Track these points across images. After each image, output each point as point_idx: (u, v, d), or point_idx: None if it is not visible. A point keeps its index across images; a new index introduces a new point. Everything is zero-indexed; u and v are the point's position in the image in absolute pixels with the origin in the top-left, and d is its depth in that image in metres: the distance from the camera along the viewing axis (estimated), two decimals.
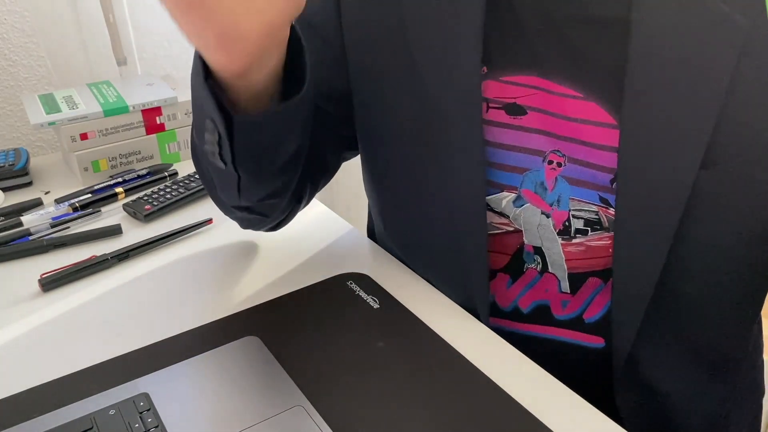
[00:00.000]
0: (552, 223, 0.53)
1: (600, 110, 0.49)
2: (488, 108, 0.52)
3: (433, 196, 0.57)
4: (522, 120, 0.52)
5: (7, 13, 0.92)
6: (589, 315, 0.57)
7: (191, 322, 0.55)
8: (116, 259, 0.65)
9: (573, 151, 0.51)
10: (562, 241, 0.54)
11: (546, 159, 0.52)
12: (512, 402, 0.46)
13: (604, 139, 0.50)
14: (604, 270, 0.54)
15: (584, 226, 0.53)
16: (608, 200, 0.51)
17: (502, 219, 0.55)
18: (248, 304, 0.57)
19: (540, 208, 0.53)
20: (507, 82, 0.52)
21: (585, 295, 0.56)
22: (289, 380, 0.48)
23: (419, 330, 0.53)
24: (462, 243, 0.56)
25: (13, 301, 0.60)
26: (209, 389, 0.47)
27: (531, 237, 0.55)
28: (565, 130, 0.51)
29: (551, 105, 0.51)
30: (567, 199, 0.52)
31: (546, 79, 0.50)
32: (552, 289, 0.56)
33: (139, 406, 0.45)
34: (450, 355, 0.50)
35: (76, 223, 0.73)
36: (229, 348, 0.52)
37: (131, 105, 0.83)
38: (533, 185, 0.53)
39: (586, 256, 0.54)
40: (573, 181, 0.52)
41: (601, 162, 0.50)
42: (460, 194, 0.54)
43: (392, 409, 0.45)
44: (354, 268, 0.62)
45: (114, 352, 0.52)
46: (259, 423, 0.44)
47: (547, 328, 0.58)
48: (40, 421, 0.45)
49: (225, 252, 0.67)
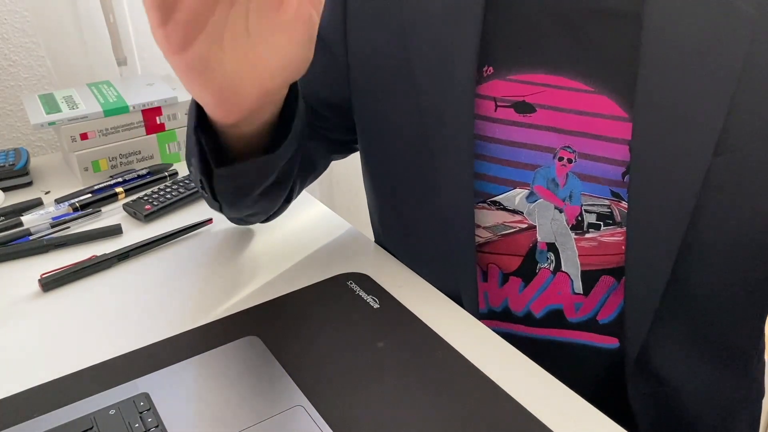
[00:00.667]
0: (565, 218, 0.54)
1: (611, 103, 0.50)
2: (497, 107, 0.53)
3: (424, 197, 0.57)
4: (531, 117, 0.52)
5: (7, 13, 0.92)
6: (603, 316, 0.57)
7: (191, 322, 0.55)
8: (116, 259, 0.65)
9: (584, 146, 0.51)
10: (575, 236, 0.54)
11: (556, 156, 0.52)
12: (512, 402, 0.46)
13: (615, 132, 0.50)
14: (617, 268, 0.54)
15: (597, 220, 0.53)
16: (620, 194, 0.52)
17: (515, 217, 0.55)
18: (248, 304, 0.57)
19: (553, 204, 0.54)
20: (514, 80, 0.52)
21: (598, 295, 0.56)
22: (289, 380, 0.48)
23: (419, 330, 0.53)
24: (453, 246, 0.56)
25: (13, 301, 0.60)
26: (209, 389, 0.47)
27: (545, 233, 0.55)
28: (575, 124, 0.51)
29: (561, 101, 0.51)
30: (579, 195, 0.53)
31: (554, 74, 0.51)
32: (565, 291, 0.56)
33: (139, 406, 0.45)
34: (450, 355, 0.50)
35: (76, 223, 0.73)
36: (229, 348, 0.52)
37: (131, 105, 0.83)
38: (545, 181, 0.53)
39: (598, 252, 0.54)
40: (584, 177, 0.52)
41: (613, 155, 0.50)
42: (450, 196, 0.54)
43: (392, 408, 0.45)
44: (354, 268, 0.62)
45: (114, 352, 0.52)
46: (259, 423, 0.44)
47: (560, 331, 0.58)
48: (40, 421, 0.45)
49: (225, 252, 0.67)
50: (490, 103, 0.53)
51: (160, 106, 0.85)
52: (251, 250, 0.67)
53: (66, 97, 0.85)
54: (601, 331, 0.57)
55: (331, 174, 1.38)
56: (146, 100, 0.84)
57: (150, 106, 0.84)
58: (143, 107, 0.84)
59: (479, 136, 0.54)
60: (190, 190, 0.77)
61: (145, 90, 0.87)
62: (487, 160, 0.54)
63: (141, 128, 0.85)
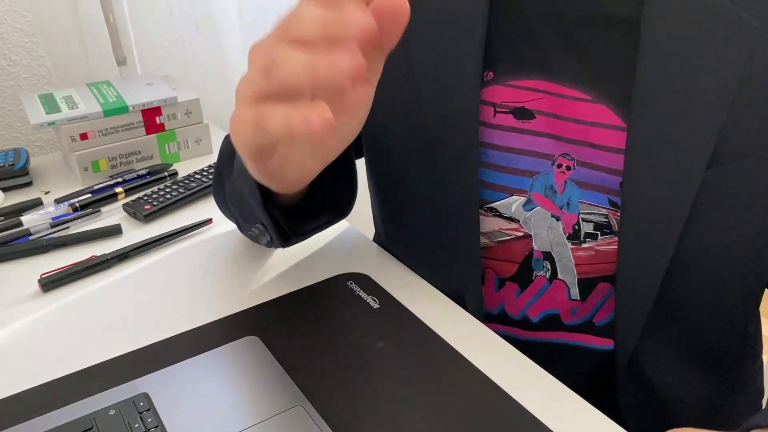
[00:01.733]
0: (562, 226, 0.53)
1: (609, 112, 0.49)
2: (495, 112, 0.52)
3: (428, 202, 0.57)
4: (530, 124, 0.52)
5: (7, 13, 0.92)
6: (600, 318, 0.57)
7: (191, 322, 0.55)
8: (116, 259, 0.65)
9: (582, 154, 0.51)
10: (571, 246, 0.54)
11: (555, 162, 0.52)
12: (512, 402, 0.46)
13: (613, 142, 0.49)
14: (614, 275, 0.54)
15: (594, 230, 0.53)
16: (617, 203, 0.51)
17: (511, 224, 0.55)
18: (248, 304, 0.57)
19: (550, 212, 0.53)
20: (514, 86, 0.51)
21: (595, 300, 0.56)
22: (289, 380, 0.48)
23: (419, 330, 0.53)
24: (457, 250, 0.56)
25: (13, 301, 0.60)
26: (209, 389, 0.47)
27: (540, 242, 0.55)
28: (573, 133, 0.51)
29: (560, 108, 0.50)
30: (577, 203, 0.52)
31: (554, 82, 0.50)
32: (561, 297, 0.56)
33: (139, 406, 0.45)
34: (450, 355, 0.50)
35: (76, 223, 0.73)
36: (229, 348, 0.52)
37: (131, 105, 0.83)
38: (543, 188, 0.53)
39: (595, 261, 0.54)
40: (582, 184, 0.52)
41: (611, 165, 0.50)
42: (455, 201, 0.54)
43: (392, 409, 0.45)
44: (354, 268, 0.62)
45: (114, 352, 0.52)
46: (259, 423, 0.44)
47: (557, 333, 0.58)
48: (40, 421, 0.45)
49: (225, 252, 0.67)
50: (490, 108, 0.52)
51: (160, 106, 0.85)
52: (251, 250, 0.67)
53: (66, 97, 0.85)
54: (597, 332, 0.57)
55: None
56: (146, 100, 0.84)
57: (150, 106, 0.84)
58: (143, 107, 0.84)
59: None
60: (189, 190, 0.77)
61: (144, 90, 0.87)
62: (484, 166, 0.54)
63: (141, 128, 0.85)
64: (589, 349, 0.58)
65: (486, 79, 0.52)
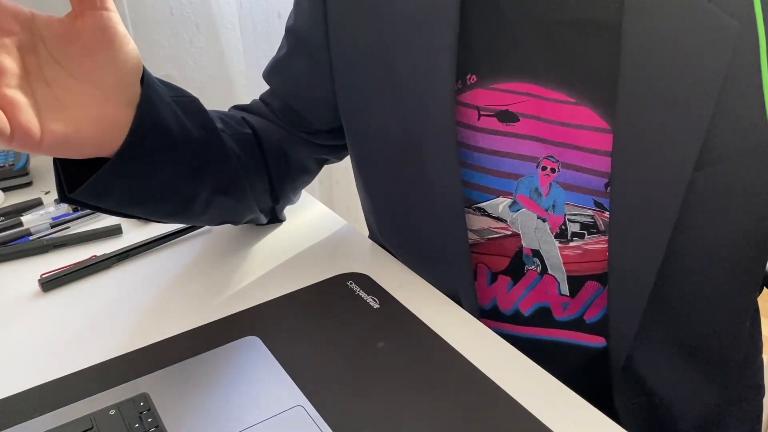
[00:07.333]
0: (548, 227, 0.54)
1: (593, 115, 0.49)
2: (480, 116, 0.52)
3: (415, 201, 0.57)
4: (514, 127, 0.52)
5: None
6: (590, 316, 0.57)
7: (191, 322, 0.55)
8: (116, 259, 0.65)
9: (566, 156, 0.51)
10: (559, 244, 0.54)
11: (540, 165, 0.52)
12: (512, 402, 0.46)
13: (597, 144, 0.50)
14: (602, 274, 0.54)
15: (580, 229, 0.53)
16: (603, 204, 0.51)
17: (499, 224, 0.55)
18: (248, 304, 0.57)
19: (536, 213, 0.53)
20: (498, 89, 0.52)
21: (584, 298, 0.56)
22: (289, 380, 0.48)
23: (419, 330, 0.53)
24: (446, 248, 0.56)
25: (13, 301, 0.60)
26: (209, 389, 0.48)
27: (529, 240, 0.55)
28: (558, 135, 0.51)
29: (544, 111, 0.51)
30: (562, 204, 0.52)
31: (538, 85, 0.50)
32: (552, 291, 0.57)
33: (139, 406, 0.45)
34: (450, 355, 0.50)
35: (76, 223, 0.73)
36: (229, 348, 0.52)
37: None
38: (528, 191, 0.53)
39: (583, 259, 0.54)
40: (567, 186, 0.52)
41: (595, 166, 0.50)
42: (440, 202, 0.55)
43: (392, 409, 0.45)
44: (354, 268, 0.62)
45: (114, 352, 0.52)
46: (259, 423, 0.44)
47: (548, 330, 0.58)
48: (40, 421, 0.45)
49: (225, 252, 0.67)
50: (474, 111, 0.52)
51: None
52: (251, 250, 0.67)
53: None
54: (588, 330, 0.57)
55: (330, 173, 1.38)
56: None
57: None
58: None
59: (463, 144, 0.53)
60: None
61: None
62: (470, 168, 0.54)
63: None
64: (580, 346, 0.58)
65: (469, 83, 0.52)
